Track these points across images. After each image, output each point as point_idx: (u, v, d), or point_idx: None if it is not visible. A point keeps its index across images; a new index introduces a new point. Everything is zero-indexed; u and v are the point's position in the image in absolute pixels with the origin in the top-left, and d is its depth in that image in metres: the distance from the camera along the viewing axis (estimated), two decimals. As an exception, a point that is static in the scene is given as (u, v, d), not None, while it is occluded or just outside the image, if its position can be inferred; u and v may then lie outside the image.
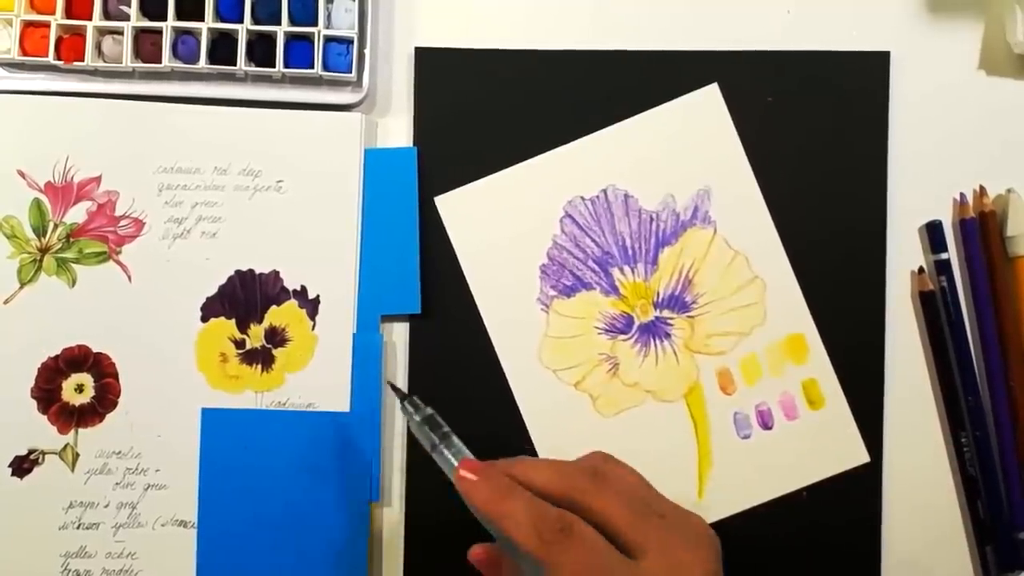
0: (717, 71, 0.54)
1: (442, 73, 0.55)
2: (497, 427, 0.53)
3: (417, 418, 0.45)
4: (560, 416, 0.53)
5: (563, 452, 0.52)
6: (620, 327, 0.54)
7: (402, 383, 0.54)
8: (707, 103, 0.54)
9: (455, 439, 0.45)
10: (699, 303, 0.54)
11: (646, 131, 0.54)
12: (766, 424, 0.53)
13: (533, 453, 0.53)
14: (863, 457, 0.53)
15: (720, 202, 0.54)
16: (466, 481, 0.42)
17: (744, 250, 0.54)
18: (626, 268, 0.54)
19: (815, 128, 0.54)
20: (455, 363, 0.54)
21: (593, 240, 0.54)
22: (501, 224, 0.54)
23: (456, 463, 0.43)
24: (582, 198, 0.54)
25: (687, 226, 0.54)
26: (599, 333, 0.54)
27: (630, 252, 0.54)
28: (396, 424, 0.54)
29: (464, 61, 0.55)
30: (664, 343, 0.54)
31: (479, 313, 0.54)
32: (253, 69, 0.54)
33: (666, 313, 0.54)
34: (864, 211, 0.54)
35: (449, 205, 0.54)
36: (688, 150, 0.54)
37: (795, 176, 0.54)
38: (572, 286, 0.54)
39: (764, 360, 0.54)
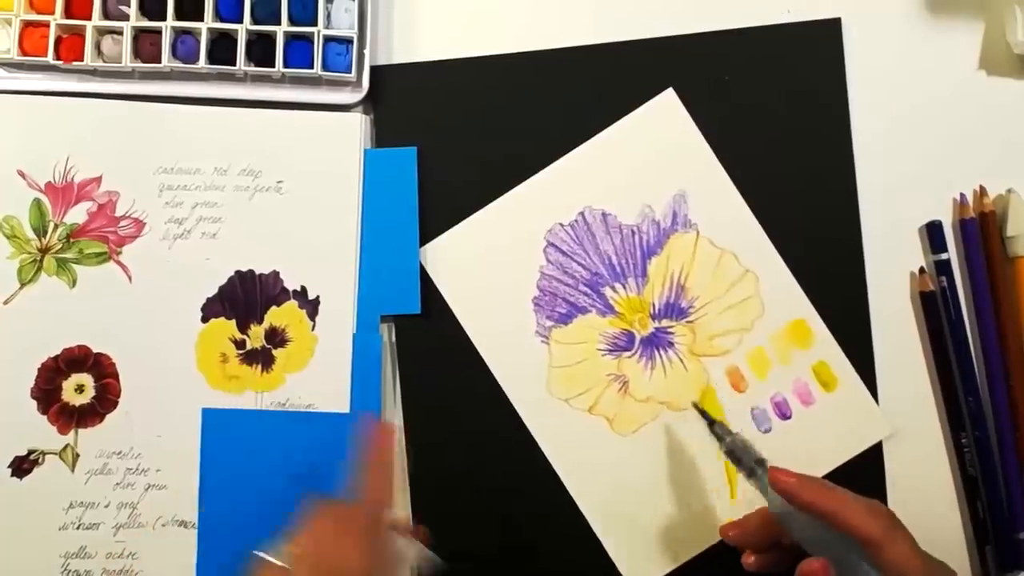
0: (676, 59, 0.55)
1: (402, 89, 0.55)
2: (495, 424, 0.53)
3: (728, 440, 0.48)
4: (580, 444, 0.53)
5: (589, 479, 0.53)
6: (622, 345, 0.54)
7: (399, 382, 0.54)
8: (666, 108, 0.55)
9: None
10: (695, 307, 0.54)
11: (611, 147, 0.54)
12: (784, 414, 0.53)
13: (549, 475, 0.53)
14: (885, 431, 0.53)
15: (698, 204, 0.54)
16: (790, 483, 0.46)
17: (730, 247, 0.54)
18: (617, 285, 0.54)
19: (776, 104, 0.55)
20: (454, 362, 0.54)
21: (580, 264, 0.54)
22: (486, 265, 0.54)
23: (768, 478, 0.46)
24: (561, 224, 0.54)
25: (669, 233, 0.54)
26: (603, 354, 0.54)
27: (618, 269, 0.54)
28: (395, 423, 0.54)
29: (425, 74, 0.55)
30: (668, 352, 0.54)
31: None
32: (253, 69, 0.54)
33: (665, 323, 0.54)
34: (834, 181, 0.54)
35: (430, 256, 0.54)
36: (656, 158, 0.54)
37: (763, 158, 0.54)
38: (568, 313, 0.54)
39: (771, 351, 0.54)
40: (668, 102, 0.54)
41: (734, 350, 0.54)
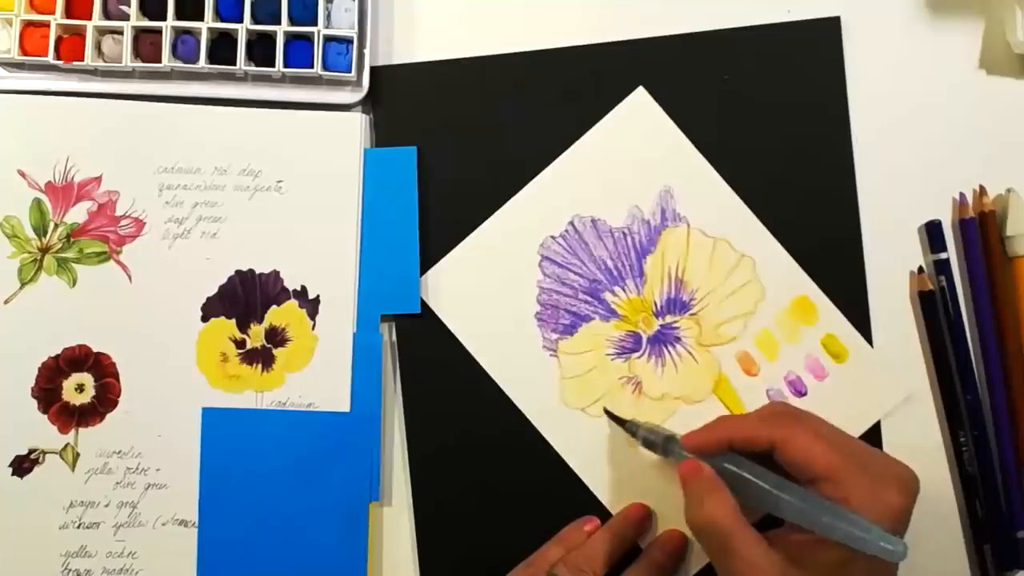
0: (673, 56, 0.55)
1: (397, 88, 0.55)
2: (496, 423, 0.53)
3: (641, 433, 0.51)
4: (602, 450, 0.53)
5: (618, 485, 0.53)
6: (630, 346, 0.54)
7: (399, 382, 0.54)
8: (639, 106, 0.55)
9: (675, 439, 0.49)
10: (697, 298, 0.54)
11: (590, 153, 0.54)
12: (799, 391, 0.53)
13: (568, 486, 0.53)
14: (902, 393, 0.53)
15: (684, 197, 0.54)
16: (693, 438, 0.48)
17: (723, 235, 0.54)
18: (616, 289, 0.54)
19: (774, 100, 0.55)
20: (455, 361, 0.54)
21: (576, 273, 0.54)
22: (483, 288, 0.54)
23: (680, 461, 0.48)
24: (552, 237, 0.54)
25: (660, 230, 0.54)
26: (612, 359, 0.54)
27: (615, 272, 0.54)
28: (396, 424, 0.54)
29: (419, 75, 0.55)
30: (676, 348, 0.54)
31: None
32: (253, 69, 0.54)
33: (669, 319, 0.54)
34: (833, 180, 0.54)
35: (428, 286, 0.54)
36: (637, 158, 0.54)
37: (761, 151, 0.54)
38: (571, 324, 0.54)
39: (777, 331, 0.54)
40: (641, 101, 0.55)
41: (741, 335, 0.54)
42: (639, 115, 0.55)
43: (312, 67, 0.53)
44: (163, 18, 0.53)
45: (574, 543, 0.51)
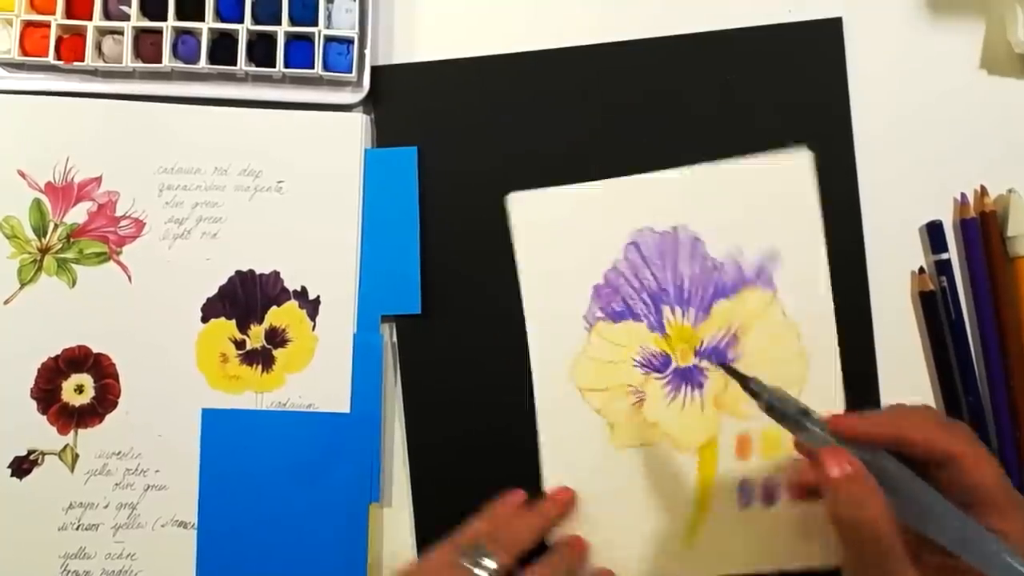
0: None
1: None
2: (493, 425, 0.53)
3: (766, 396, 0.44)
4: (574, 437, 0.53)
5: (569, 475, 0.52)
6: (657, 365, 0.53)
7: (399, 382, 0.54)
8: (796, 168, 0.53)
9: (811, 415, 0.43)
10: (740, 363, 0.52)
11: (729, 180, 0.54)
12: (769, 498, 0.52)
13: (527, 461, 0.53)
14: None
15: (786, 269, 0.53)
16: (852, 421, 0.43)
17: (798, 322, 0.53)
18: (677, 309, 0.53)
19: (776, 101, 0.54)
20: (455, 362, 0.54)
21: (653, 274, 0.53)
22: (567, 235, 0.54)
23: (819, 441, 0.42)
24: (652, 230, 0.54)
25: (748, 284, 0.53)
26: (635, 366, 0.53)
27: (685, 295, 0.53)
28: (396, 425, 0.54)
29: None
30: (695, 392, 0.53)
31: (478, 313, 0.54)
32: (253, 69, 0.54)
33: (705, 363, 0.53)
34: (835, 180, 0.54)
35: (519, 205, 0.53)
36: (767, 209, 0.53)
37: (762, 151, 0.54)
38: (620, 313, 0.53)
39: (786, 439, 0.49)
40: (802, 163, 0.53)
41: (755, 420, 0.51)
42: (792, 175, 0.53)
43: (313, 67, 0.53)
44: (163, 18, 0.53)
45: (501, 518, 0.51)
